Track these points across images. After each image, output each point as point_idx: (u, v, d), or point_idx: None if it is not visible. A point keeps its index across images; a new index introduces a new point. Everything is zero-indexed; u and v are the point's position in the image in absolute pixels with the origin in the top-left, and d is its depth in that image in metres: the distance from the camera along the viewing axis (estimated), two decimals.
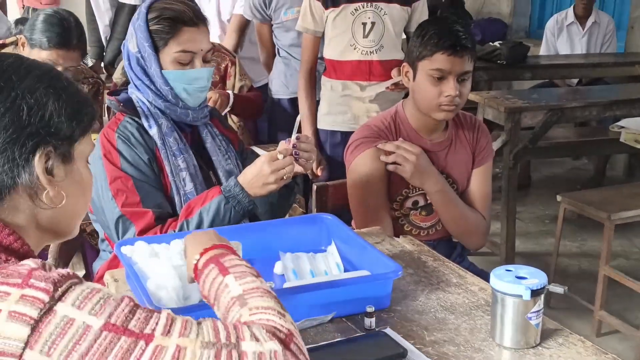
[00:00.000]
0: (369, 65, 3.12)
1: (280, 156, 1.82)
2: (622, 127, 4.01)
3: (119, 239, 1.87)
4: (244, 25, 3.90)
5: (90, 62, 4.64)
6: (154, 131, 1.95)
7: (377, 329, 1.49)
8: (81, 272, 2.21)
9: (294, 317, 1.45)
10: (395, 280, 1.58)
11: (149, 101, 1.96)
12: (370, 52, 3.09)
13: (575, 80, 5.52)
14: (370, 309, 1.48)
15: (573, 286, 3.83)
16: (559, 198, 3.49)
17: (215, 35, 3.92)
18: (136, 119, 1.96)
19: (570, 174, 5.70)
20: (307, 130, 3.17)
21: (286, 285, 1.58)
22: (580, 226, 4.34)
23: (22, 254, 1.06)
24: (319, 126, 3.28)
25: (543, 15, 7.08)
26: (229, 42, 3.83)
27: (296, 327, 1.11)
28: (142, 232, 1.86)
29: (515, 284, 1.41)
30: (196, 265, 1.27)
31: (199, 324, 1.02)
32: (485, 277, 2.35)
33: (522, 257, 4.11)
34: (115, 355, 0.93)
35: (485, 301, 1.61)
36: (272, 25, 3.68)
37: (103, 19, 4.71)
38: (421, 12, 3.16)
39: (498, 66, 5.12)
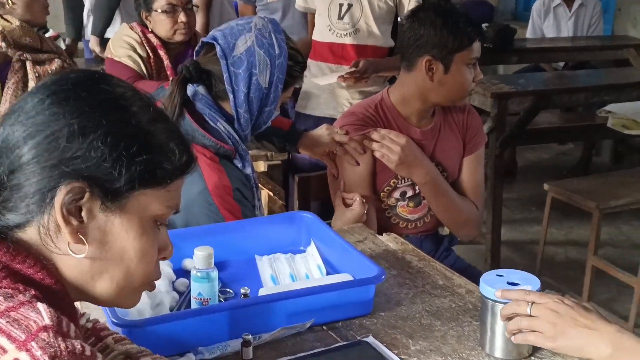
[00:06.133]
0: (341, 48, 3.05)
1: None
2: (610, 112, 3.95)
3: None
4: (209, 2, 3.77)
5: (65, 42, 4.35)
6: (248, 171, 1.86)
7: (358, 338, 1.39)
8: None
9: (270, 326, 1.37)
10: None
11: (239, 136, 1.83)
12: (344, 34, 3.03)
13: (562, 64, 5.44)
14: (247, 336, 1.30)
15: (560, 276, 3.79)
16: (546, 187, 3.41)
17: None
18: (229, 161, 1.83)
19: (557, 159, 5.63)
20: None
21: (262, 291, 1.48)
22: (567, 213, 4.26)
23: (45, 288, 0.89)
24: (296, 108, 3.26)
25: None
26: (199, 23, 3.67)
27: None
28: None
29: None
30: None
31: None
32: (473, 272, 2.30)
33: (508, 245, 4.04)
34: None
35: (474, 305, 1.52)
36: (255, 7, 3.58)
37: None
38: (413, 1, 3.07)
39: (484, 50, 4.97)
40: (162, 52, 2.90)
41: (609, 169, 5.20)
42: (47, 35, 3.98)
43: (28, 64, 2.59)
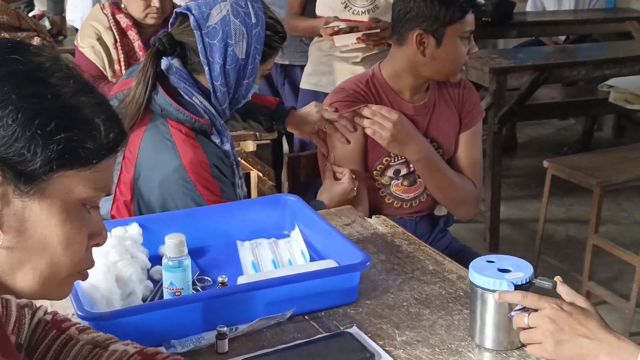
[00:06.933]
0: (358, 25, 2.93)
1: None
2: (612, 87, 3.85)
3: None
4: None
5: (47, 23, 4.19)
6: (227, 147, 1.77)
7: (342, 329, 1.32)
8: None
9: (248, 316, 1.30)
10: None
11: (217, 111, 1.75)
12: (362, 12, 2.91)
13: (563, 38, 5.33)
14: (222, 328, 1.24)
15: (560, 254, 3.72)
16: (545, 164, 3.33)
17: None
18: (205, 137, 1.74)
19: (557, 135, 5.54)
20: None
21: (240, 279, 1.41)
22: (568, 190, 4.17)
23: None
24: (302, 86, 3.11)
25: None
26: None
27: None
28: None
29: (497, 279, 1.23)
30: None
31: None
32: (468, 254, 2.22)
33: (507, 223, 3.96)
34: None
35: (465, 292, 1.44)
36: None
37: None
38: None
39: (483, 24, 4.88)
40: (133, 33, 2.80)
41: (611, 144, 5.10)
42: (32, 13, 3.89)
43: None
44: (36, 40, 2.53)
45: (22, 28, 2.55)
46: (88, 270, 1.28)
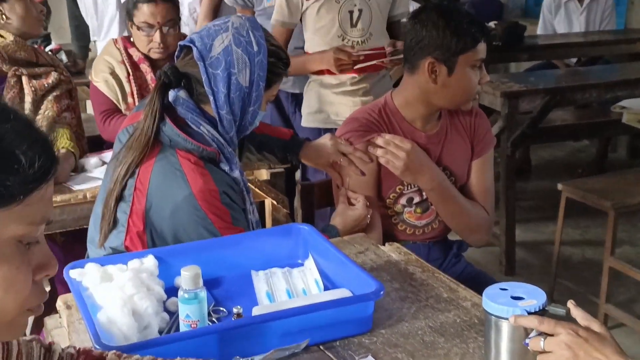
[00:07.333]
0: (359, 55, 2.93)
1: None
2: (624, 108, 3.85)
3: None
4: (217, 8, 3.70)
5: (65, 55, 4.20)
6: (236, 174, 1.79)
7: (357, 359, 1.32)
8: (46, 287, 2.04)
9: (263, 347, 1.30)
10: None
11: (224, 139, 1.77)
12: (360, 42, 2.92)
13: (574, 60, 5.33)
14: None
15: (577, 277, 3.70)
16: (560, 186, 3.32)
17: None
18: (214, 165, 1.75)
19: (572, 157, 5.52)
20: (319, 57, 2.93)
21: (255, 310, 1.42)
22: (583, 212, 4.15)
23: None
24: (307, 124, 3.08)
25: None
26: None
27: None
28: None
29: (510, 306, 1.24)
30: None
31: None
32: (482, 280, 2.23)
33: (523, 247, 3.95)
34: None
35: (479, 319, 1.44)
36: (254, 12, 3.48)
37: (91, 13, 4.34)
38: None
39: (493, 48, 4.91)
40: (145, 66, 2.85)
41: (625, 164, 5.08)
42: (48, 47, 3.94)
43: (24, 79, 2.54)
44: (53, 75, 2.58)
45: (39, 63, 2.61)
46: (105, 304, 1.30)
